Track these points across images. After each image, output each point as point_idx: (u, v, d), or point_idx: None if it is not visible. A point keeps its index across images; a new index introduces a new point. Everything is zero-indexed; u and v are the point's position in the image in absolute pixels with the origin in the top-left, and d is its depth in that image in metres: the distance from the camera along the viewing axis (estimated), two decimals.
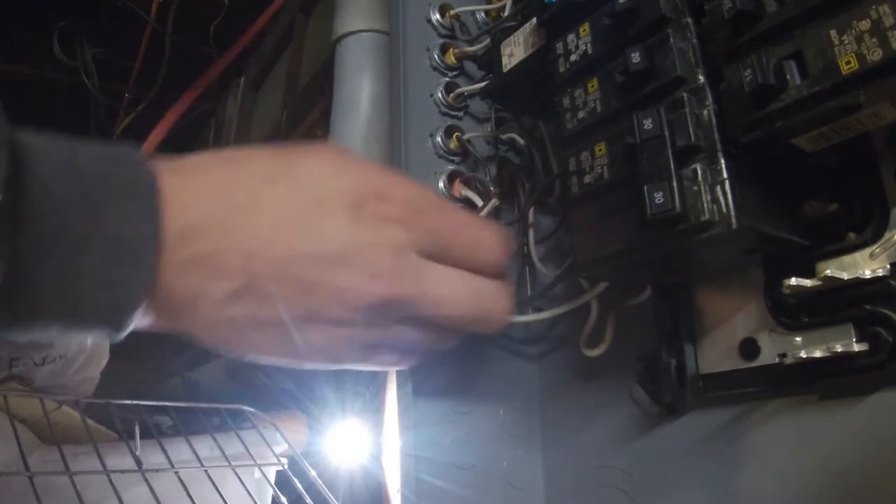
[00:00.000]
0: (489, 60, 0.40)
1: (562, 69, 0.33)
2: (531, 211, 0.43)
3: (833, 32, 0.24)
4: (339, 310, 0.30)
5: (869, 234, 0.28)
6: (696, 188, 0.26)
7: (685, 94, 0.28)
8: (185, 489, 0.60)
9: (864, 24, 0.23)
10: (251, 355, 0.32)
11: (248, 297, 0.29)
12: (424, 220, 0.32)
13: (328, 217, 0.30)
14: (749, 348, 0.32)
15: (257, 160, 0.31)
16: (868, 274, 0.27)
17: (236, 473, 0.66)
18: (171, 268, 0.27)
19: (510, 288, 0.35)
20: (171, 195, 0.27)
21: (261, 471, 0.72)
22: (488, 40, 0.42)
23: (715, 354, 0.33)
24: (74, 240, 0.25)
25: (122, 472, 0.59)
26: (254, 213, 0.29)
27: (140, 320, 0.28)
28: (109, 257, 0.26)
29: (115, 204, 0.26)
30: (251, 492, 0.66)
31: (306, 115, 0.88)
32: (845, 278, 0.28)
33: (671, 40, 0.28)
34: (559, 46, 0.33)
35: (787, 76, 0.25)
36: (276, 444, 0.76)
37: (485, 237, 0.34)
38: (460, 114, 0.47)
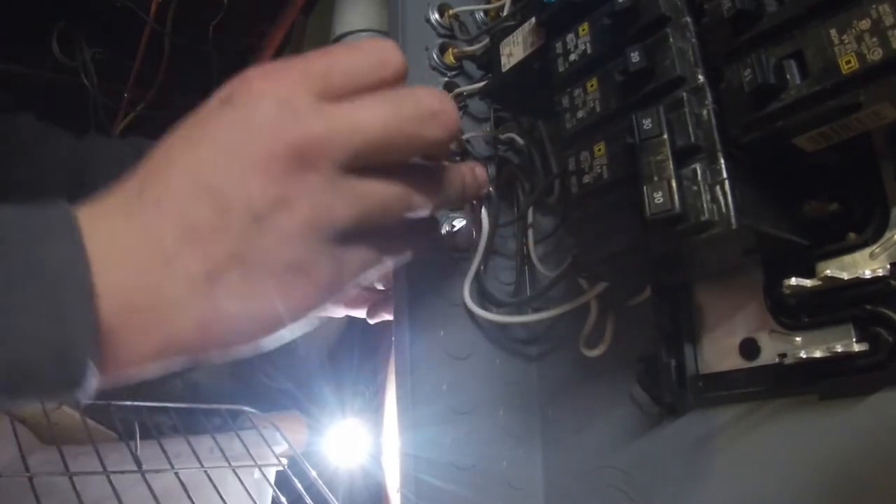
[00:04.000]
0: (488, 60, 0.40)
1: (561, 69, 0.33)
2: (530, 211, 0.43)
3: (833, 32, 0.24)
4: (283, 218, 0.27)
5: (869, 233, 0.28)
6: (695, 188, 0.26)
7: (685, 94, 0.28)
8: (185, 489, 0.60)
9: (865, 24, 0.23)
10: (267, 331, 0.29)
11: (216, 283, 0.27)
12: (305, 65, 0.28)
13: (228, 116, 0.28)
14: (749, 348, 0.32)
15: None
16: (868, 274, 0.27)
17: (236, 474, 0.66)
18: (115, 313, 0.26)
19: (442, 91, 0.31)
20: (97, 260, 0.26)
21: (261, 471, 0.72)
22: (487, 40, 0.41)
23: (715, 354, 0.33)
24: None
25: (122, 472, 0.59)
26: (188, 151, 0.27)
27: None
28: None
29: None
30: (251, 492, 0.66)
31: None
32: (845, 278, 0.28)
33: (671, 40, 0.28)
34: (558, 46, 0.33)
35: (787, 76, 0.25)
36: (275, 444, 0.76)
37: (380, 52, 0.30)
38: (459, 114, 0.47)
